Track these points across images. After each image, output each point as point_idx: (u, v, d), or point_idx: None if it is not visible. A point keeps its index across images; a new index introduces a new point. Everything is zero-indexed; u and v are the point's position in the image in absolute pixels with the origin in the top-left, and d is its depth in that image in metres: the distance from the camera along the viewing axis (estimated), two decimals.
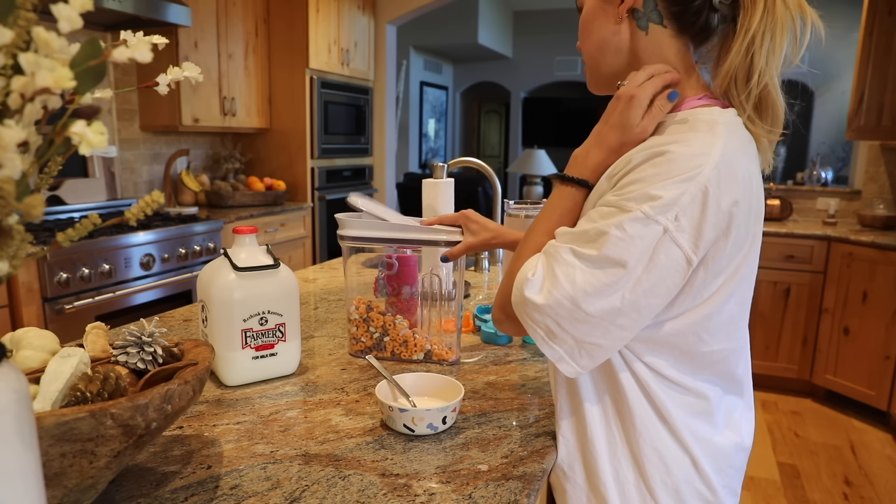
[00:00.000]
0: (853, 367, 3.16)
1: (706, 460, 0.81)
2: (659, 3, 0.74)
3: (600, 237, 0.69)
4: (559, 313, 0.70)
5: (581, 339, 0.71)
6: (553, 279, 0.70)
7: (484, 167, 1.72)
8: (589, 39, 0.81)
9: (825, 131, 6.98)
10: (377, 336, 1.15)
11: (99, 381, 0.64)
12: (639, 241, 0.67)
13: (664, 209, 0.66)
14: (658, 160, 0.69)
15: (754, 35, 0.70)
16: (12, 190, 0.39)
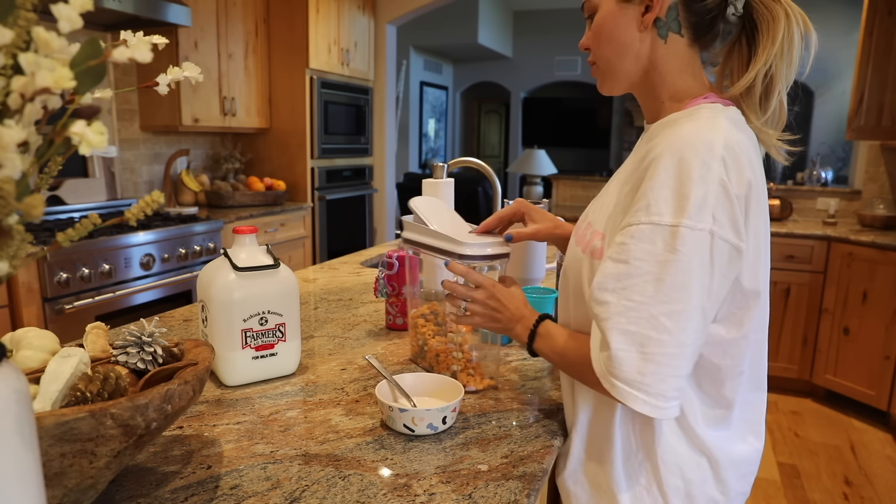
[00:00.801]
0: (853, 367, 3.16)
1: (726, 466, 0.82)
2: (680, 14, 0.77)
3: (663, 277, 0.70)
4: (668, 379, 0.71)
5: (685, 375, 0.73)
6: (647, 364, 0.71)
7: (484, 167, 1.72)
8: (609, 45, 0.81)
9: (825, 131, 6.98)
10: (420, 343, 1.11)
11: (99, 381, 0.64)
12: (696, 257, 0.69)
13: (700, 213, 0.69)
14: (667, 163, 0.71)
15: (776, 55, 0.76)
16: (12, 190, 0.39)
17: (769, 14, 0.76)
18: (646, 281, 0.70)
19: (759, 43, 0.77)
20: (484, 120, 10.18)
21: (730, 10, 0.77)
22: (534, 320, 0.90)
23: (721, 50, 0.82)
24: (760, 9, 0.77)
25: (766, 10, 0.76)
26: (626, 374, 0.71)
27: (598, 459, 0.85)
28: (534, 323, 0.89)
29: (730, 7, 0.77)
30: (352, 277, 1.80)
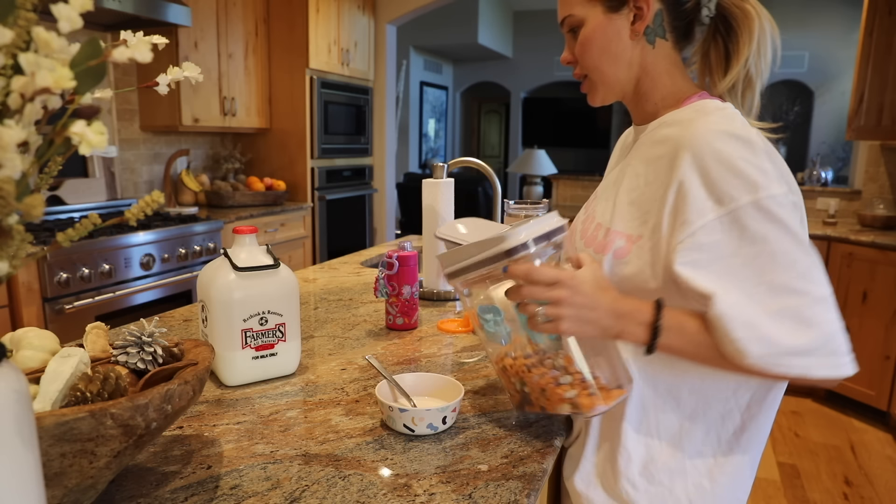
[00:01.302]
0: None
1: (746, 463, 0.85)
2: (664, 19, 0.82)
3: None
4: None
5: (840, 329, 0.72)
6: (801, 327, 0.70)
7: (484, 167, 1.72)
8: (601, 56, 0.84)
9: (825, 131, 6.98)
10: (519, 387, 0.86)
11: (99, 381, 0.64)
12: (789, 220, 0.71)
13: (771, 183, 0.72)
14: (709, 156, 0.73)
15: (751, 53, 0.82)
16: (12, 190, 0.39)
17: (741, 12, 0.82)
18: (766, 257, 0.70)
19: (739, 40, 0.82)
20: (484, 120, 10.18)
21: (704, 12, 0.83)
22: (649, 312, 0.74)
23: (697, 50, 0.88)
24: (732, 9, 0.82)
25: (737, 9, 0.82)
26: (840, 346, 0.70)
27: (612, 462, 0.85)
28: (653, 315, 0.74)
29: (703, 9, 0.82)
30: (352, 277, 1.80)
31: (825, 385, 0.76)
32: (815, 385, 0.74)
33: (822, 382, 0.71)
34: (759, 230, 0.70)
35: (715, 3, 0.83)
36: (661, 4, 0.81)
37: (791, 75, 6.92)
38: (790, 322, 0.69)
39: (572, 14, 0.84)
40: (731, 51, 0.83)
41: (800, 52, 6.83)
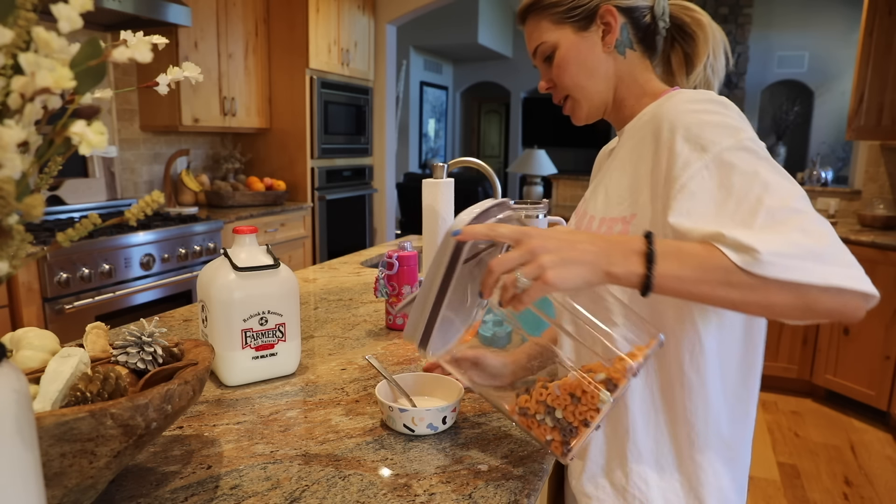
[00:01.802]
0: (853, 367, 3.16)
1: (742, 452, 0.86)
2: (630, 31, 0.89)
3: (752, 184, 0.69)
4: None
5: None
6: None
7: (484, 167, 1.72)
8: (580, 72, 0.90)
9: (825, 131, 6.98)
10: (552, 420, 0.74)
11: (99, 381, 0.64)
12: (772, 158, 0.72)
13: (748, 128, 0.75)
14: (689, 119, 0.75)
15: (707, 56, 0.90)
16: (12, 190, 0.39)
17: (692, 20, 0.91)
18: (760, 186, 0.68)
19: (696, 43, 0.91)
20: (484, 120, 10.18)
21: (661, 24, 0.91)
22: (639, 240, 0.67)
23: (659, 60, 0.95)
24: (684, 18, 0.91)
25: (688, 17, 0.91)
26: (854, 260, 0.64)
27: (621, 460, 0.85)
28: (645, 242, 0.66)
29: (660, 21, 0.90)
30: (352, 277, 1.80)
31: (846, 314, 0.64)
32: (835, 313, 0.64)
33: (843, 305, 0.63)
34: (748, 167, 0.70)
35: (668, 16, 0.91)
36: (625, 18, 0.88)
37: (791, 75, 6.92)
38: (798, 233, 0.64)
39: (544, 41, 0.90)
40: (691, 54, 0.92)
41: (800, 52, 6.83)
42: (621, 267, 0.65)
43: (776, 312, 0.65)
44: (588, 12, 0.87)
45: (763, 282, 0.63)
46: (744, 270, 0.63)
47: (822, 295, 0.63)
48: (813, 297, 0.63)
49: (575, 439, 0.72)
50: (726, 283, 0.64)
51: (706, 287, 0.65)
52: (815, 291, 0.63)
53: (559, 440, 0.73)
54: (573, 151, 9.44)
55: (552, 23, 0.89)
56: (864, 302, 0.64)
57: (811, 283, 0.62)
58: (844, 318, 0.65)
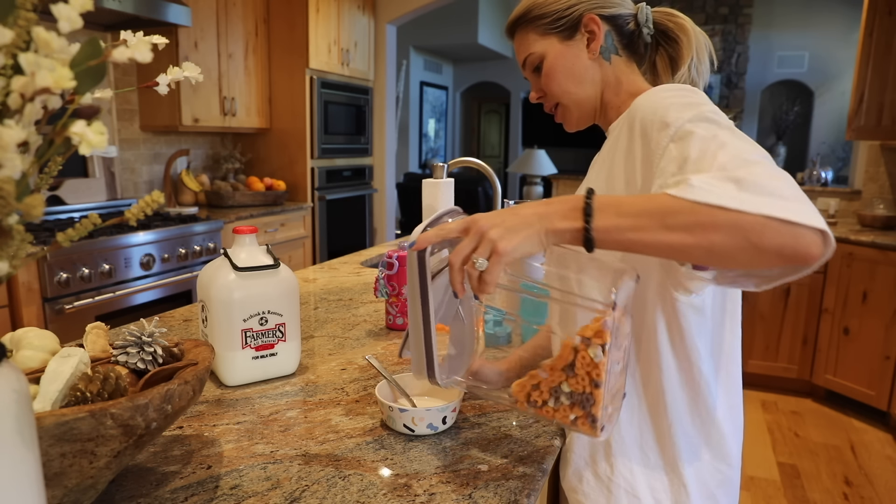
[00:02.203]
0: (853, 367, 3.16)
1: (729, 438, 0.86)
2: (614, 38, 0.92)
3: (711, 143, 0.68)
4: None
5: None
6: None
7: (484, 167, 1.72)
8: (568, 79, 0.92)
9: (825, 131, 6.97)
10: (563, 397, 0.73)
11: (99, 381, 0.64)
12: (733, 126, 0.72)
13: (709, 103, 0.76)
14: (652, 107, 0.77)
15: (691, 59, 0.93)
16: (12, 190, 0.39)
17: (675, 25, 0.93)
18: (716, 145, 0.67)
19: (680, 45, 0.93)
20: (484, 120, 10.18)
21: (644, 31, 0.93)
22: (578, 197, 0.68)
23: (647, 64, 0.97)
24: (666, 23, 0.94)
25: (671, 22, 0.93)
26: (812, 205, 0.61)
27: (606, 449, 0.86)
28: (583, 199, 0.67)
29: (644, 28, 0.93)
30: (352, 277, 1.80)
31: (798, 251, 0.60)
32: (787, 250, 0.60)
33: (794, 240, 0.59)
34: (706, 133, 0.70)
35: (652, 22, 0.94)
36: (608, 25, 0.91)
37: (791, 75, 6.91)
38: (743, 172, 0.63)
39: (532, 52, 0.93)
40: (675, 57, 0.94)
41: (800, 52, 6.83)
42: (562, 223, 0.66)
43: (721, 254, 0.62)
44: (572, 22, 0.91)
45: (700, 221, 0.61)
46: (677, 201, 0.62)
47: (764, 229, 0.59)
48: (755, 232, 0.59)
49: (596, 406, 0.71)
50: (664, 227, 0.63)
51: (645, 233, 0.64)
52: (757, 226, 0.59)
53: (582, 414, 0.72)
54: (573, 151, 9.45)
55: (538, 34, 0.92)
56: (819, 242, 0.60)
57: (743, 210, 0.59)
58: (797, 256, 0.60)
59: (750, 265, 0.63)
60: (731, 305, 0.85)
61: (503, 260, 0.65)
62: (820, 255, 0.60)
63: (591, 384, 0.70)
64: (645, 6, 0.94)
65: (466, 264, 0.67)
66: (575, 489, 0.88)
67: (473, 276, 0.67)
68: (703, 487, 0.84)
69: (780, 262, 0.61)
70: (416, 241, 0.70)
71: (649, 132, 0.76)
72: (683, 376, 0.83)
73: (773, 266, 0.63)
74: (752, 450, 2.84)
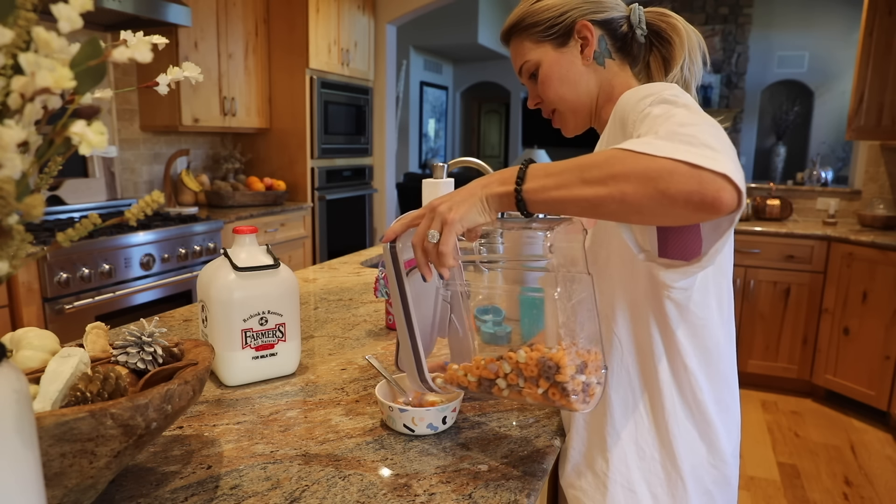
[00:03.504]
0: (853, 367, 3.16)
1: (723, 438, 0.85)
2: (607, 42, 0.93)
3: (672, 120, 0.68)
4: None
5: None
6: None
7: (484, 167, 1.72)
8: (563, 85, 0.93)
9: (825, 131, 6.97)
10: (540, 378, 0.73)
11: (99, 381, 0.64)
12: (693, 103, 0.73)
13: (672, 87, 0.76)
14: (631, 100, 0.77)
15: (684, 59, 0.92)
16: (12, 190, 0.39)
17: (668, 25, 0.93)
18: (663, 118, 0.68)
19: (673, 46, 0.92)
20: (484, 120, 10.18)
21: (638, 32, 0.93)
22: (515, 168, 0.72)
23: (641, 65, 0.97)
24: (659, 24, 0.93)
25: (663, 23, 0.93)
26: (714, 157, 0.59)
27: (601, 445, 0.86)
28: (519, 167, 0.71)
29: (637, 30, 0.93)
30: (352, 277, 1.80)
31: (706, 198, 0.59)
32: (694, 197, 0.59)
33: (700, 186, 0.59)
34: (661, 112, 0.70)
35: (645, 23, 0.94)
36: (601, 31, 0.92)
37: (791, 75, 6.91)
38: (680, 128, 0.64)
39: (527, 60, 0.94)
40: (668, 57, 0.94)
41: (800, 52, 6.83)
42: (499, 188, 0.71)
43: (633, 205, 0.62)
44: (565, 29, 0.91)
45: (612, 173, 0.63)
46: (595, 157, 0.65)
47: (672, 175, 0.59)
48: (663, 179, 0.60)
49: (561, 375, 0.70)
50: (582, 181, 0.65)
51: (566, 190, 0.66)
52: (664, 173, 0.59)
53: (549, 386, 0.72)
54: (573, 151, 9.43)
55: (533, 42, 0.93)
56: (729, 189, 0.59)
57: (652, 154, 0.60)
58: (705, 203, 0.59)
59: (661, 216, 0.63)
60: (717, 302, 0.84)
61: (453, 229, 0.70)
62: (731, 202, 0.59)
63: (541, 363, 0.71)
64: (637, 7, 0.94)
65: (419, 237, 0.72)
66: (573, 485, 0.89)
67: (432, 252, 0.72)
68: (700, 483, 0.84)
69: (689, 210, 0.60)
70: (385, 234, 0.75)
71: (626, 124, 0.78)
72: (672, 372, 0.83)
73: (685, 218, 0.62)
74: (752, 450, 2.84)
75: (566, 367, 0.70)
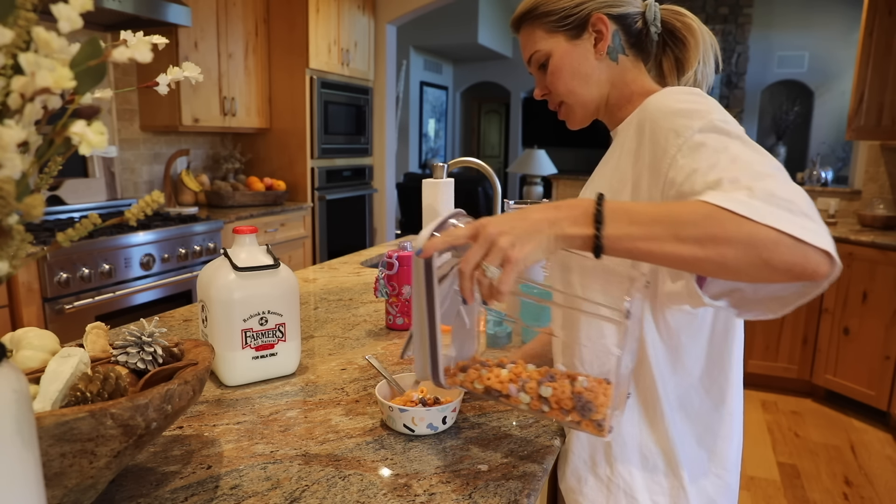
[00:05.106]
0: (853, 367, 3.16)
1: (723, 443, 0.85)
2: (621, 38, 0.91)
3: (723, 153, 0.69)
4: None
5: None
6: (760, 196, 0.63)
7: (484, 167, 1.72)
8: (573, 79, 0.91)
9: (825, 131, 6.97)
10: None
11: (99, 381, 0.64)
12: (744, 134, 0.72)
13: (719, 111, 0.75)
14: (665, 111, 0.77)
15: (697, 61, 0.91)
16: (12, 190, 0.39)
17: (683, 25, 0.92)
18: (727, 158, 0.67)
19: (687, 47, 0.91)
20: (484, 120, 10.18)
21: (652, 29, 0.92)
22: (588, 202, 0.66)
23: (652, 63, 0.95)
24: (674, 22, 0.92)
25: (678, 22, 0.92)
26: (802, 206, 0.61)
27: (606, 450, 0.86)
28: (594, 204, 0.66)
29: (651, 26, 0.91)
30: (352, 277, 1.80)
31: (807, 270, 0.60)
32: (796, 268, 0.60)
33: (804, 259, 0.59)
34: (717, 144, 0.70)
35: (660, 20, 0.92)
36: (616, 25, 0.89)
37: (791, 75, 6.91)
38: (759, 184, 0.63)
39: (538, 50, 0.91)
40: (682, 60, 0.92)
41: (800, 52, 6.83)
42: (573, 229, 0.65)
43: (732, 269, 0.62)
44: (580, 21, 0.89)
45: (712, 234, 0.61)
46: (689, 211, 0.62)
47: (777, 246, 0.59)
48: (767, 248, 0.59)
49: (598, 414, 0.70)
50: (675, 238, 0.62)
51: (656, 243, 0.63)
52: (769, 242, 0.59)
53: (583, 420, 0.71)
54: (573, 151, 9.45)
55: (545, 31, 0.91)
56: (827, 263, 0.60)
57: (755, 219, 0.59)
58: (805, 275, 0.60)
59: (757, 279, 0.63)
60: (725, 312, 0.83)
61: (516, 268, 0.64)
62: (827, 275, 0.61)
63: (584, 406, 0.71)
64: (653, 3, 0.92)
65: (476, 271, 0.66)
66: (574, 490, 0.88)
67: (485, 284, 0.66)
68: (703, 493, 0.83)
69: (787, 279, 0.61)
70: (423, 248, 0.68)
71: (657, 138, 0.76)
72: (676, 380, 0.82)
73: (777, 281, 0.63)
74: (752, 450, 2.84)
75: (605, 406, 0.69)
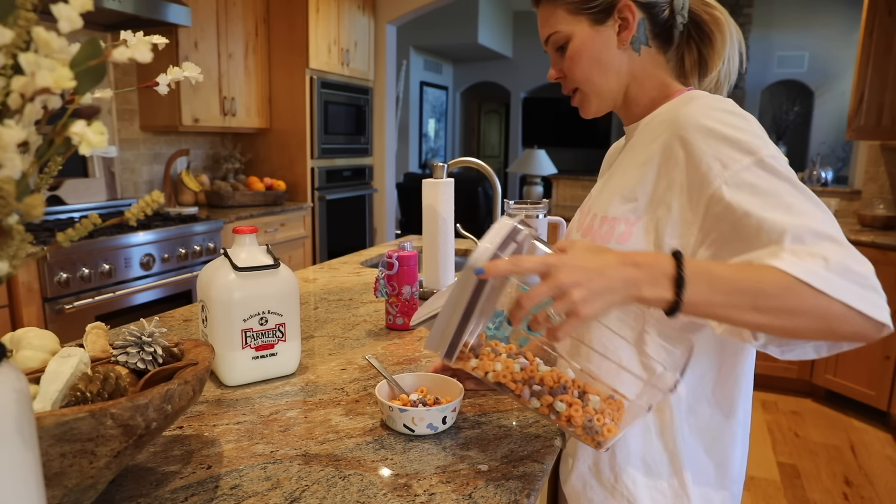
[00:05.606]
0: (853, 367, 3.16)
1: (732, 454, 0.85)
2: (646, 28, 0.86)
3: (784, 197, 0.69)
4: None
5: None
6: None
7: (484, 167, 1.72)
8: (592, 67, 0.87)
9: (825, 131, 6.98)
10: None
11: (99, 381, 0.64)
12: (794, 176, 0.72)
13: (768, 144, 0.73)
14: (702, 131, 0.74)
15: (722, 60, 0.88)
16: (12, 190, 0.39)
17: (711, 18, 0.87)
18: (782, 209, 0.68)
19: (714, 43, 0.87)
20: (484, 120, 10.18)
21: (678, 19, 0.87)
22: (668, 262, 0.65)
23: (672, 56, 0.91)
24: (703, 15, 0.88)
25: (707, 15, 0.88)
26: (873, 281, 0.64)
27: (610, 462, 0.85)
28: (674, 265, 0.65)
29: (678, 16, 0.87)
30: (352, 277, 1.80)
31: (860, 340, 0.66)
32: (853, 339, 0.66)
33: (864, 331, 0.64)
34: (767, 186, 0.69)
35: (687, 10, 0.87)
36: (643, 14, 0.85)
37: (791, 75, 6.91)
38: (845, 258, 0.65)
39: (558, 31, 0.86)
40: (707, 55, 0.89)
41: (800, 52, 6.83)
42: (651, 292, 0.65)
43: (798, 334, 0.66)
44: (606, 5, 0.84)
45: (790, 306, 0.63)
46: (768, 281, 0.63)
47: (846, 319, 0.63)
48: (837, 321, 0.64)
49: (603, 437, 0.72)
50: (754, 308, 0.64)
51: (735, 312, 0.65)
52: (840, 316, 0.63)
53: (588, 438, 0.73)
54: (573, 151, 9.45)
55: (568, 12, 0.85)
56: (877, 332, 0.65)
57: (832, 295, 0.62)
58: (860, 340, 0.66)
59: (816, 340, 0.69)
60: None
61: (581, 323, 0.64)
62: (878, 338, 0.66)
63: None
64: None
65: (533, 307, 0.65)
66: (578, 494, 0.88)
67: (541, 323, 0.65)
68: (706, 502, 0.83)
69: (846, 343, 0.68)
70: (486, 269, 0.66)
71: (697, 162, 0.73)
72: (688, 390, 0.82)
73: (829, 343, 0.70)
74: (753, 450, 2.84)
75: (613, 435, 0.72)
